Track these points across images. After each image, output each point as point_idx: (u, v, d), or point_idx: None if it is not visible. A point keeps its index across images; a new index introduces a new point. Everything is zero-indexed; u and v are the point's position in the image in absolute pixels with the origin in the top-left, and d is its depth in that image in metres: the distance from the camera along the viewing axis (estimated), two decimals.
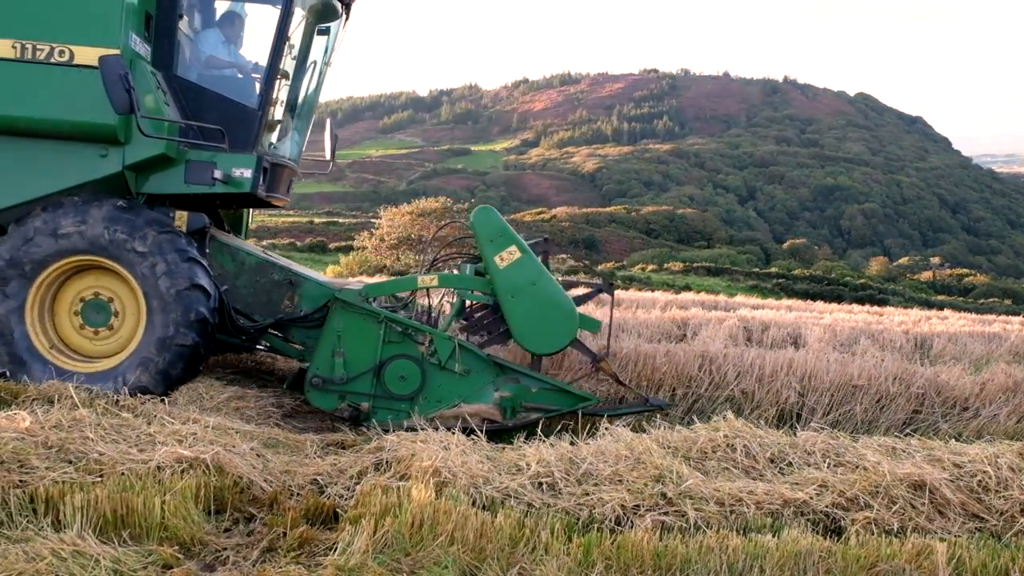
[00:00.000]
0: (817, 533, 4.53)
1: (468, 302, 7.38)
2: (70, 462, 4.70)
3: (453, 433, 5.66)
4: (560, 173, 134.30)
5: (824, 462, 5.50)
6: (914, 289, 60.90)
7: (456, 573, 3.91)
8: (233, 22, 8.02)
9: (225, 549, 4.18)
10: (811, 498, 4.92)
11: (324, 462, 5.39)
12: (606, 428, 6.01)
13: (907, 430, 7.22)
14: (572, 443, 5.60)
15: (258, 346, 8.27)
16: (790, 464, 5.51)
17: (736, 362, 8.17)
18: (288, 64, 7.92)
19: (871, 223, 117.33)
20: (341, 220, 63.48)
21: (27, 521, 4.09)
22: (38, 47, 6.77)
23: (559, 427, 6.55)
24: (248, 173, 7.34)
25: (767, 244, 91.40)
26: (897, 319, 18.98)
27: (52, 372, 6.83)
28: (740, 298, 26.20)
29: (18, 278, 6.88)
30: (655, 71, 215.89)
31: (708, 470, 5.33)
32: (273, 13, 7.56)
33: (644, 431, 6.09)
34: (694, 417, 6.83)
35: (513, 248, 6.77)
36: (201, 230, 7.47)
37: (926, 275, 74.83)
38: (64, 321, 7.15)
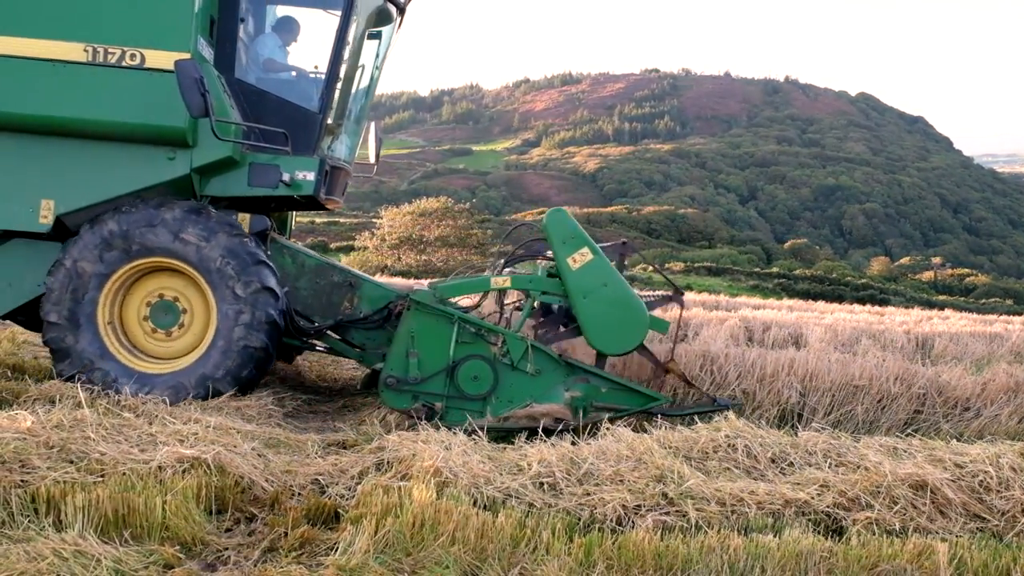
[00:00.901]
0: (818, 533, 4.53)
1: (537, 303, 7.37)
2: (71, 462, 4.70)
3: (453, 434, 5.66)
4: (561, 173, 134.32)
5: (825, 462, 5.50)
6: (915, 289, 60.91)
7: (457, 573, 3.91)
8: (289, 27, 8.11)
9: (226, 549, 4.18)
10: (812, 498, 4.92)
11: (325, 462, 5.39)
12: (607, 428, 6.01)
13: (908, 430, 7.21)
14: (573, 443, 5.61)
15: (317, 348, 8.37)
16: (791, 464, 5.50)
17: (737, 362, 8.16)
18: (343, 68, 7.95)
19: (872, 223, 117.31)
20: (342, 220, 63.50)
21: (28, 521, 4.09)
22: (110, 51, 6.81)
23: (560, 427, 6.55)
24: (311, 176, 7.42)
25: (768, 244, 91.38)
26: (898, 319, 18.98)
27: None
28: (741, 298, 26.23)
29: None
30: (656, 71, 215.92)
31: (709, 470, 5.33)
32: (327, 18, 7.67)
33: (645, 431, 6.09)
34: (695, 417, 6.82)
35: (585, 250, 6.82)
36: (263, 232, 7.57)
37: (927, 275, 74.83)
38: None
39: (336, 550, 4.00)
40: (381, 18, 8.16)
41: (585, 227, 7.18)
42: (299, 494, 4.89)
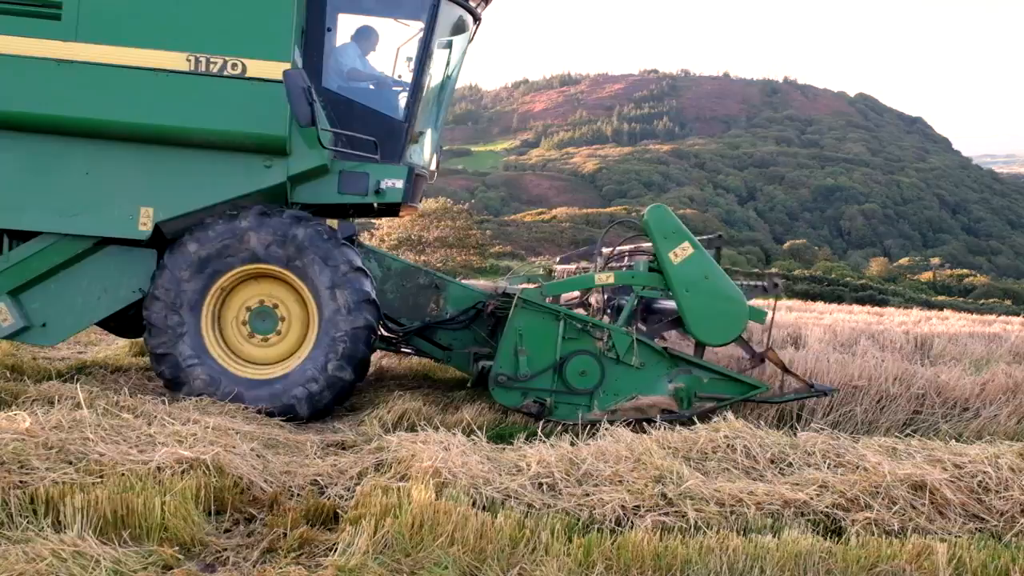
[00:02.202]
0: (817, 534, 4.53)
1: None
2: (70, 463, 4.70)
3: (455, 435, 5.66)
4: (560, 174, 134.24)
5: (824, 463, 5.50)
6: (914, 289, 60.88)
7: (456, 574, 3.91)
8: (368, 36, 8.21)
9: (225, 550, 4.18)
10: (811, 499, 4.92)
11: (324, 463, 5.39)
12: (606, 428, 6.01)
13: (907, 431, 7.21)
14: (572, 444, 5.61)
15: (404, 349, 8.53)
16: (790, 464, 5.50)
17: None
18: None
19: (871, 224, 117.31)
20: None
21: (27, 522, 4.09)
22: (212, 60, 6.92)
23: (560, 427, 6.56)
24: (400, 184, 7.60)
25: (767, 245, 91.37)
26: (897, 319, 18.99)
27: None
28: None
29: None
30: (655, 72, 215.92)
31: (708, 470, 5.33)
32: (403, 27, 7.91)
33: (644, 431, 6.10)
34: (694, 417, 6.82)
35: (686, 244, 6.94)
36: (351, 237, 7.76)
37: (926, 275, 74.80)
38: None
39: (335, 551, 3.99)
40: (457, 27, 8.29)
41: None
42: (298, 495, 4.89)
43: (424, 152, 8.44)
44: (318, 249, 7.05)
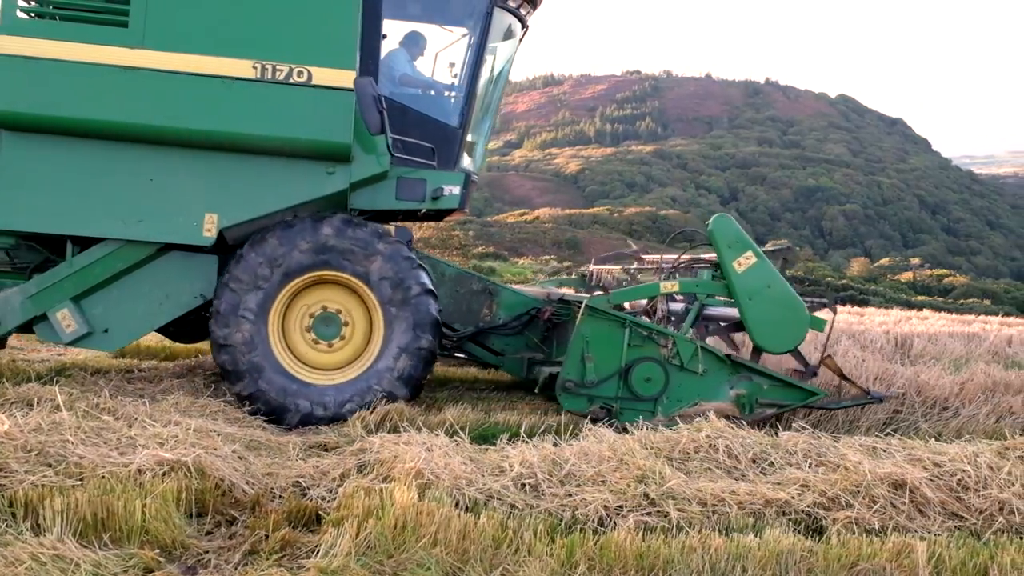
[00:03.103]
0: (799, 533, 4.56)
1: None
2: (50, 465, 4.66)
3: (437, 436, 5.66)
4: (543, 174, 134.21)
5: (805, 462, 5.53)
6: (895, 290, 61.24)
7: (439, 575, 3.90)
8: (416, 42, 8.26)
9: (207, 552, 4.16)
10: (793, 498, 4.95)
11: (306, 464, 5.37)
12: (589, 429, 6.02)
13: (887, 430, 7.27)
14: (555, 444, 5.61)
15: (457, 355, 8.65)
16: (772, 464, 5.53)
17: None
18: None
19: (852, 224, 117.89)
20: None
21: (6, 525, 4.05)
22: (278, 68, 6.96)
23: (543, 427, 6.56)
24: (457, 190, 7.72)
25: None
26: (878, 319, 19.12)
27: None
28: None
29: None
30: (637, 72, 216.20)
31: (690, 470, 5.34)
32: (448, 33, 8.07)
33: (627, 432, 6.11)
34: (676, 417, 6.85)
35: (749, 253, 7.14)
36: (408, 243, 7.71)
37: (906, 276, 75.25)
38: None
39: (317, 552, 3.98)
40: (507, 33, 8.37)
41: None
42: (280, 496, 4.88)
43: (476, 158, 8.54)
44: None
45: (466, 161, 8.18)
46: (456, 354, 8.65)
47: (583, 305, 6.96)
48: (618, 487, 4.87)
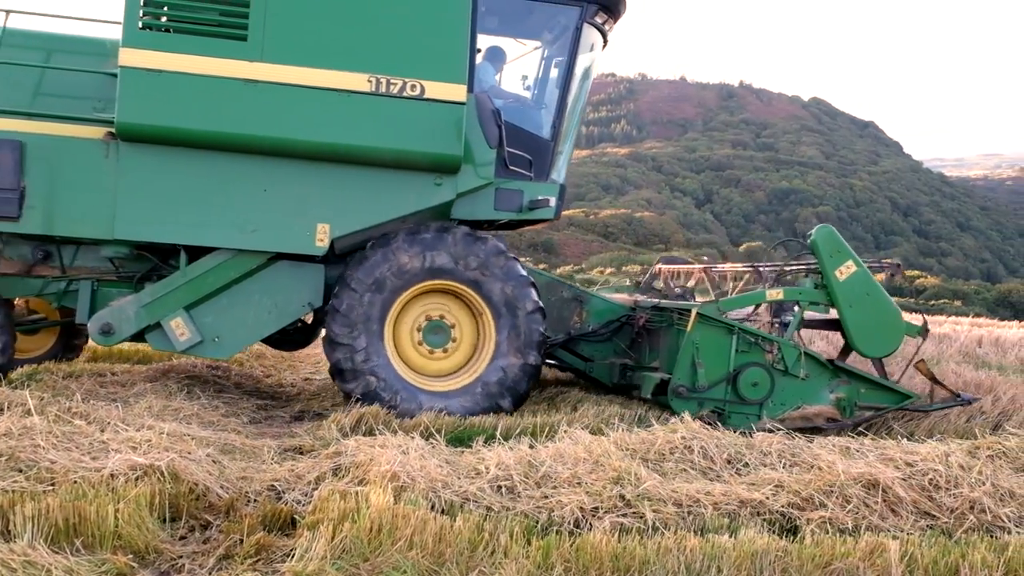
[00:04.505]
0: (773, 533, 4.59)
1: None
2: (20, 471, 4.62)
3: (413, 439, 5.65)
4: None
5: (780, 462, 5.58)
6: None
7: None
8: (499, 55, 8.43)
9: (180, 557, 4.13)
10: (767, 498, 4.98)
11: (282, 468, 5.34)
12: (565, 431, 6.03)
13: (860, 430, 7.33)
14: (531, 446, 5.62)
15: (548, 361, 8.77)
16: (747, 465, 5.57)
17: None
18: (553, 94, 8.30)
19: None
20: None
21: None
22: (392, 81, 7.07)
23: (518, 430, 6.57)
24: (553, 201, 7.86)
25: (724, 247, 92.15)
26: None
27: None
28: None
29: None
30: (613, 75, 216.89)
31: (666, 471, 5.37)
32: (522, 46, 8.43)
33: (603, 433, 6.12)
34: (651, 419, 6.88)
35: (850, 263, 7.40)
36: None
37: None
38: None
39: (292, 556, 3.96)
40: (592, 47, 8.51)
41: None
42: (255, 500, 4.85)
43: (563, 168, 8.68)
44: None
45: (558, 172, 8.37)
46: (546, 361, 8.77)
47: (694, 312, 7.17)
48: (594, 489, 4.88)
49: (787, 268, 8.23)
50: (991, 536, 4.79)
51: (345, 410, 6.99)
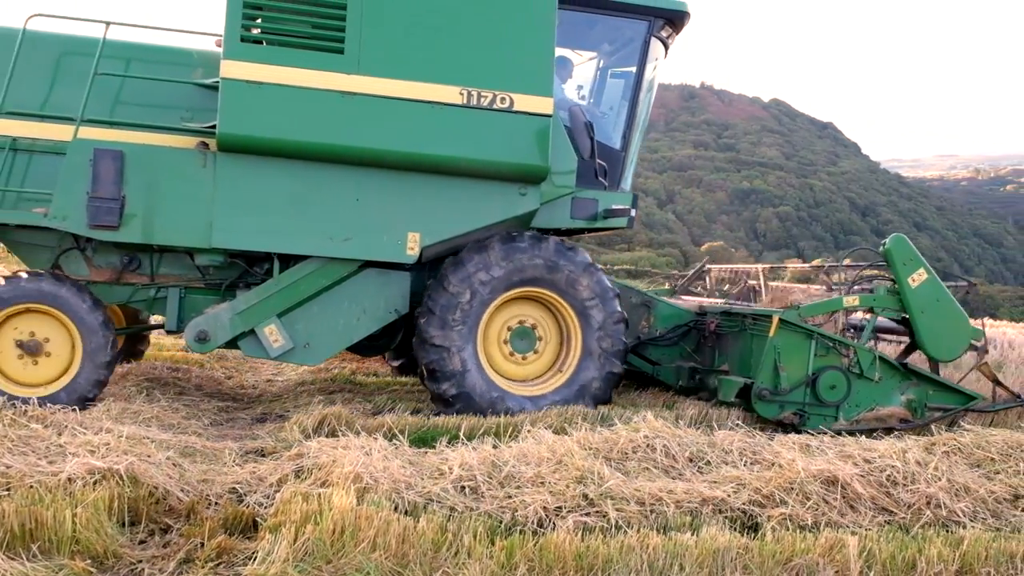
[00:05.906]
0: (735, 530, 4.64)
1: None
2: None
3: (376, 440, 5.63)
4: None
5: (741, 460, 5.63)
6: (827, 289, 62.40)
7: None
8: (565, 67, 8.56)
9: (140, 561, 4.08)
10: (729, 496, 5.03)
11: (243, 470, 5.30)
12: (528, 430, 6.04)
13: (821, 428, 7.42)
14: (495, 446, 5.63)
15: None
16: (708, 463, 5.62)
17: None
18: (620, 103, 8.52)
19: (785, 226, 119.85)
20: None
21: None
22: (483, 94, 7.22)
23: (482, 430, 6.56)
24: (633, 211, 8.10)
25: (686, 247, 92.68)
26: None
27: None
28: None
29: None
30: None
31: (629, 470, 5.40)
32: (578, 57, 8.66)
33: (566, 433, 6.14)
34: (614, 418, 6.90)
35: (922, 271, 7.69)
36: None
37: (839, 276, 76.78)
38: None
39: (255, 559, 3.93)
40: (658, 59, 8.66)
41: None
42: (216, 503, 4.80)
43: (630, 178, 8.80)
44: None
45: (627, 181, 8.50)
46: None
47: (775, 318, 7.35)
48: (557, 488, 4.89)
49: (861, 274, 8.50)
50: (947, 531, 4.88)
51: (307, 411, 6.94)
